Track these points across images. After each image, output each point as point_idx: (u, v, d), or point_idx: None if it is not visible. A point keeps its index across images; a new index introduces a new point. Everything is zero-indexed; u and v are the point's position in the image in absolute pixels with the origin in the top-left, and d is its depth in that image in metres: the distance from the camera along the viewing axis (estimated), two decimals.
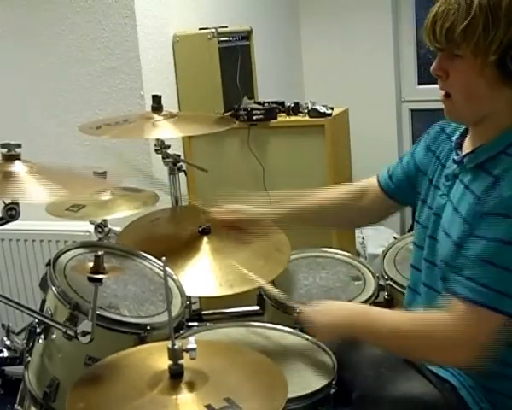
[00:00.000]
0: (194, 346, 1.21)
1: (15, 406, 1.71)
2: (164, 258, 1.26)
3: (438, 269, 1.42)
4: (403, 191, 1.66)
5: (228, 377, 1.26)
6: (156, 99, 2.05)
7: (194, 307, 2.12)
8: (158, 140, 2.16)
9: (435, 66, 1.37)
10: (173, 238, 2.04)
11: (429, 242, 1.47)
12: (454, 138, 1.49)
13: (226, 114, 2.72)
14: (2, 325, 1.77)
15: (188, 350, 1.21)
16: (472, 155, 1.39)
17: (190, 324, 1.92)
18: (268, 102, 2.79)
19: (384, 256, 2.13)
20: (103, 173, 2.11)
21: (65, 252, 1.78)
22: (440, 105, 1.43)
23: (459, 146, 1.46)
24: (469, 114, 1.38)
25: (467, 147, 1.44)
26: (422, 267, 1.50)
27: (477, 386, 1.40)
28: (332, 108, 2.71)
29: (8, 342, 1.71)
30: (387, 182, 1.69)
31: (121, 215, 2.12)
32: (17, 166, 1.40)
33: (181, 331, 1.71)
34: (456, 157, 1.44)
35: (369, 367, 1.52)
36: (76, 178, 1.56)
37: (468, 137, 1.46)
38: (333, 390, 1.47)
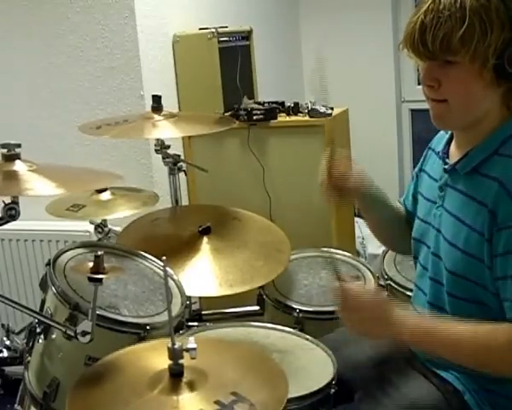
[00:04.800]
0: (194, 345, 1.21)
1: (15, 406, 1.71)
2: (164, 258, 1.26)
3: (443, 287, 1.39)
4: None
5: (227, 373, 1.26)
6: (156, 99, 2.05)
7: (194, 307, 2.12)
8: (158, 140, 2.16)
9: (426, 76, 1.33)
10: (173, 238, 2.04)
11: (433, 259, 1.44)
12: (440, 149, 1.47)
13: (226, 114, 2.72)
14: (2, 325, 1.77)
15: (188, 350, 1.21)
16: (465, 159, 1.37)
17: (190, 324, 1.92)
18: (268, 102, 2.79)
19: (384, 256, 2.13)
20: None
21: (65, 252, 1.78)
22: None
23: (447, 155, 1.45)
24: (464, 119, 1.35)
25: (454, 154, 1.42)
26: (428, 287, 1.46)
27: (479, 389, 1.39)
28: (332, 108, 2.71)
29: (8, 342, 1.72)
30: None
31: (121, 215, 2.12)
32: (17, 166, 1.41)
33: (181, 331, 1.71)
34: (446, 166, 1.42)
35: (370, 367, 1.51)
36: (76, 176, 1.56)
37: (454, 144, 1.44)
38: (333, 390, 1.46)
